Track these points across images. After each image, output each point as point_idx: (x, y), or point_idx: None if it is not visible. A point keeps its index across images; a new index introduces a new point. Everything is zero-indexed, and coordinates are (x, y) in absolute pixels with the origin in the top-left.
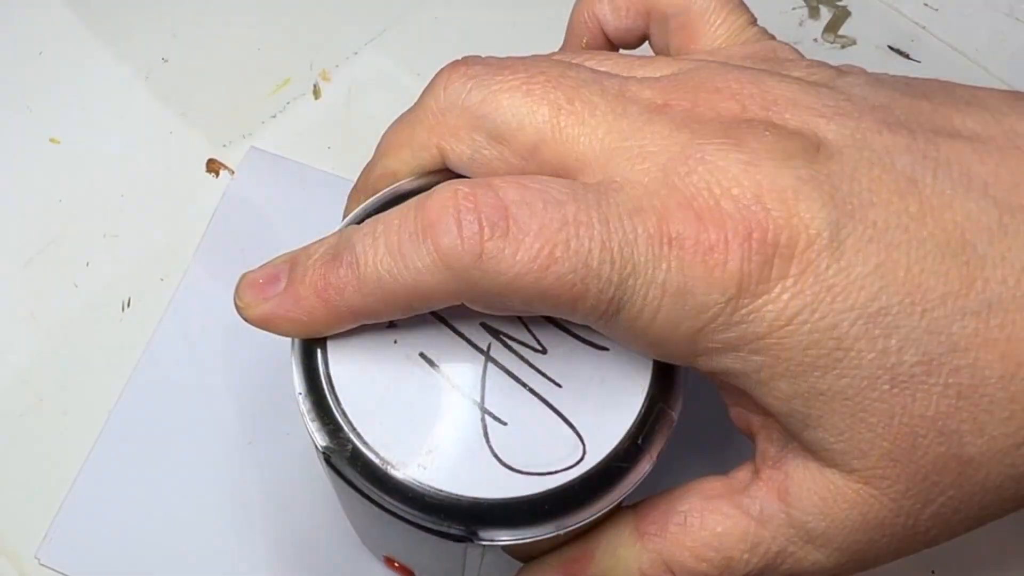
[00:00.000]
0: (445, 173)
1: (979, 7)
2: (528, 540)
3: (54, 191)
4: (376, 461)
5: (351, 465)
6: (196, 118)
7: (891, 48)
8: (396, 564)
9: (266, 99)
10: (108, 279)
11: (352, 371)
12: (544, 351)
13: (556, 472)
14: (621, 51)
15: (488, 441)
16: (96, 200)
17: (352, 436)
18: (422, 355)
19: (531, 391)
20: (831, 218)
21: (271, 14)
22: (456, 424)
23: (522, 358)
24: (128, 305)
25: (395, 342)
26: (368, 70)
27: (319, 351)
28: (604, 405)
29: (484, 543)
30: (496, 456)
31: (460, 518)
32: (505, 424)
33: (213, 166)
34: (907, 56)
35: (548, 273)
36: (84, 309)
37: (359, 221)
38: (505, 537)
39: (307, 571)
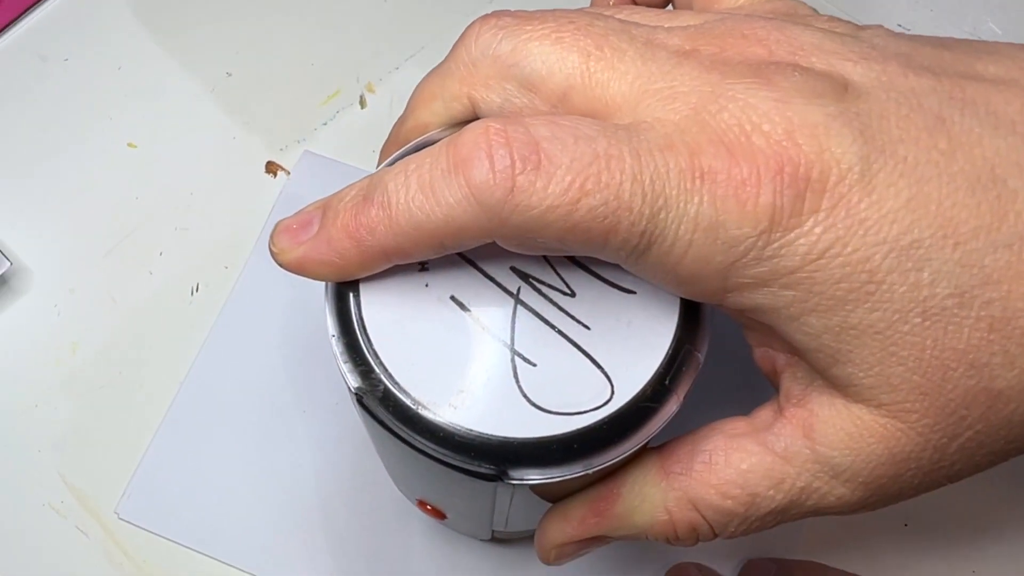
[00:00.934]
0: None
1: (947, 28)
2: (557, 479)
3: (131, 190)
4: (407, 402)
5: (383, 405)
6: (256, 125)
7: None
8: (428, 507)
9: (318, 108)
10: (179, 267)
11: (384, 314)
12: (572, 294)
13: (585, 412)
14: None
15: (518, 382)
16: (168, 198)
17: (384, 377)
18: (453, 298)
19: (560, 333)
20: (862, 153)
21: (323, 34)
22: (486, 365)
23: (551, 301)
24: (196, 290)
25: (426, 285)
26: (408, 83)
27: (351, 294)
28: (632, 347)
29: (514, 482)
30: (526, 396)
31: (490, 457)
32: (535, 365)
33: (271, 168)
34: None
35: (579, 206)
36: (157, 294)
37: None
38: (534, 476)
39: (351, 518)
